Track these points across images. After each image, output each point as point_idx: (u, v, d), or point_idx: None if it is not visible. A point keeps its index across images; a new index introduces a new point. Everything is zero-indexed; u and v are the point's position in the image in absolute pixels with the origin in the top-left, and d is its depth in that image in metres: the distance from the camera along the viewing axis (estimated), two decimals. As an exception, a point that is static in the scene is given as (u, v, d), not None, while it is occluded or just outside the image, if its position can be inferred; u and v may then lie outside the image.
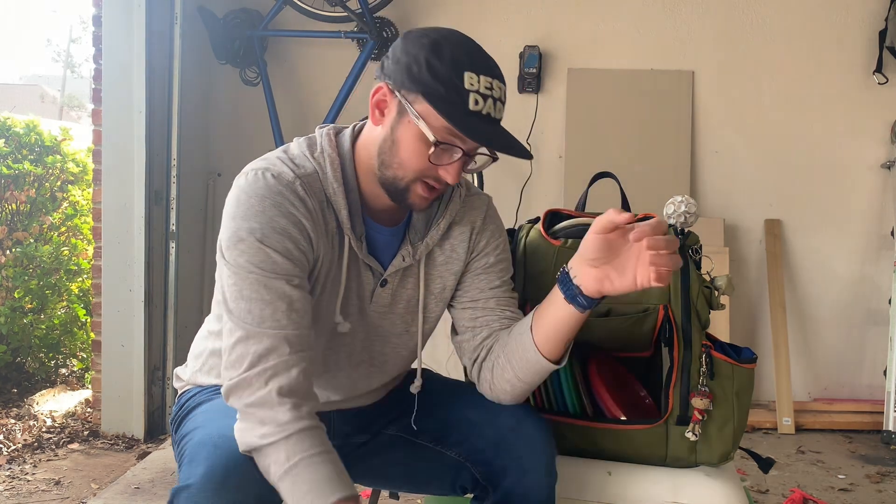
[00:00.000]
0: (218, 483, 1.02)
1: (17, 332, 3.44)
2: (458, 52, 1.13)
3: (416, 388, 1.33)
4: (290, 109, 3.62)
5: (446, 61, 1.12)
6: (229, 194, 1.19)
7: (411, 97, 1.13)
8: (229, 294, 1.13)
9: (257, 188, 1.15)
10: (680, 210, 1.42)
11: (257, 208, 1.13)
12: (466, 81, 1.11)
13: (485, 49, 1.17)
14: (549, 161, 3.60)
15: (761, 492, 2.64)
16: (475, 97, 1.11)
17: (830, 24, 3.53)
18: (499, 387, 1.29)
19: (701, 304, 1.37)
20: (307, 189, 1.17)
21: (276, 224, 1.13)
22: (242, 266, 1.12)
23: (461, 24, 3.58)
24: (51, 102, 20.27)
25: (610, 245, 1.12)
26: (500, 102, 1.15)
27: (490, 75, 1.13)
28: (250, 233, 1.12)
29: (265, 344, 1.10)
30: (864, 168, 3.55)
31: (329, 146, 1.22)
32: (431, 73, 1.11)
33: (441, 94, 1.11)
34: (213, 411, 1.23)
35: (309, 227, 1.16)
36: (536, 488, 1.22)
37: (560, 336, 1.21)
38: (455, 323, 1.35)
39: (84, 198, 3.86)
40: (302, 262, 1.15)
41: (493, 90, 1.13)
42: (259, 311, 1.11)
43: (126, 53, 2.96)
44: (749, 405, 1.38)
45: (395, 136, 1.16)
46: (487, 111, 1.13)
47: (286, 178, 1.16)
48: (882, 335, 3.47)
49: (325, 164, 1.20)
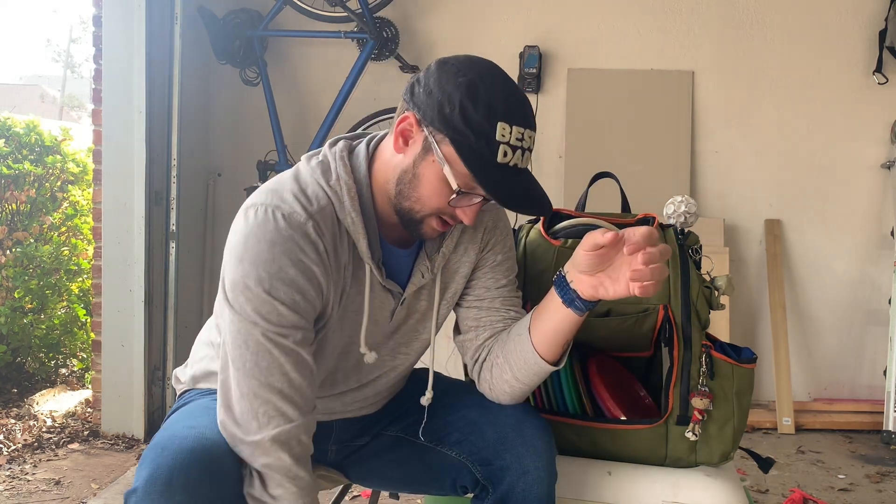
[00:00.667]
0: (162, 485, 1.02)
1: (17, 332, 3.44)
2: (494, 98, 1.09)
3: (427, 400, 1.31)
4: (290, 109, 3.62)
5: (481, 108, 1.08)
6: (236, 227, 1.14)
7: (439, 137, 1.10)
8: (231, 339, 1.12)
9: (267, 231, 1.10)
10: (680, 210, 1.42)
11: (266, 255, 1.09)
12: (499, 132, 1.08)
13: (484, 46, 1.16)
14: (549, 161, 3.60)
15: (761, 492, 2.64)
16: (505, 149, 1.09)
17: (830, 24, 3.53)
18: (498, 387, 1.30)
19: (701, 304, 1.37)
20: (320, 229, 1.13)
21: (286, 275, 1.10)
22: (247, 315, 1.10)
23: (461, 24, 3.59)
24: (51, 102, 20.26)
25: (601, 258, 1.12)
26: (528, 152, 1.13)
27: (523, 125, 1.11)
28: (258, 282, 1.09)
29: (272, 406, 1.10)
30: (864, 168, 3.55)
31: (345, 172, 1.17)
32: (464, 118, 1.08)
33: (470, 144, 1.08)
34: (183, 413, 1.23)
35: (319, 274, 1.13)
36: (537, 488, 1.22)
37: (558, 338, 1.22)
38: (459, 322, 1.35)
39: (84, 198, 3.86)
40: (309, 312, 1.13)
41: (524, 140, 1.11)
42: (266, 365, 1.10)
43: (126, 53, 2.96)
44: (749, 405, 1.38)
45: (418, 170, 1.14)
46: (515, 163, 1.11)
47: (298, 220, 1.11)
48: (882, 335, 3.47)
49: (342, 193, 1.16)
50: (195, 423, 1.14)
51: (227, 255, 1.13)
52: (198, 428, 1.12)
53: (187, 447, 1.06)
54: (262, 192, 1.15)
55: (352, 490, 2.48)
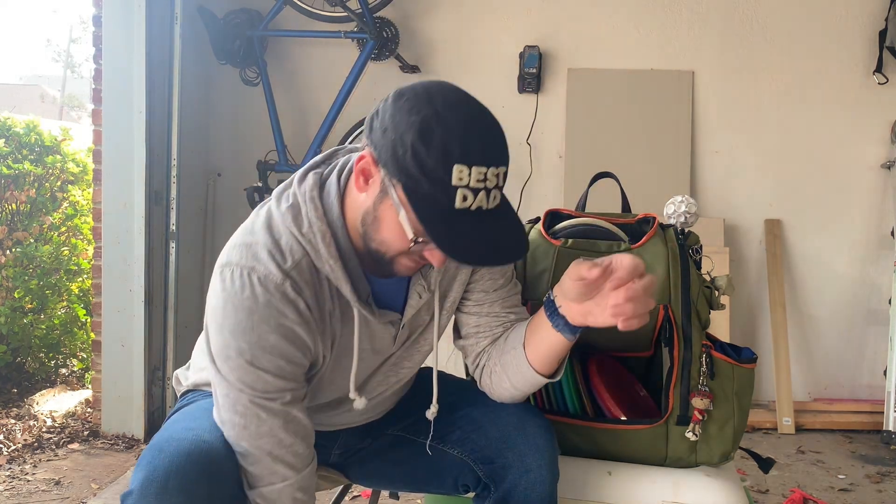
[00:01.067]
0: (158, 487, 1.02)
1: (17, 332, 3.44)
2: (449, 137, 0.98)
3: (432, 414, 1.29)
4: (290, 109, 3.62)
5: (434, 151, 0.98)
6: (214, 289, 1.10)
7: (394, 181, 1.02)
8: (222, 402, 1.11)
9: (244, 299, 1.06)
10: (680, 210, 1.42)
11: (245, 325, 1.06)
12: (455, 177, 0.98)
13: (484, 46, 1.12)
14: (549, 161, 3.60)
15: (761, 492, 2.64)
16: (463, 193, 0.99)
17: (830, 24, 3.53)
18: (497, 393, 1.30)
19: (701, 304, 1.37)
20: (298, 286, 1.08)
21: (266, 343, 1.07)
22: (234, 383, 1.09)
23: (461, 24, 3.59)
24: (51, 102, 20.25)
25: (588, 287, 1.10)
26: (496, 190, 1.02)
27: (484, 164, 0.99)
28: (239, 353, 1.07)
29: (264, 466, 1.11)
30: (864, 168, 3.55)
31: (316, 216, 1.10)
32: (417, 162, 0.98)
33: (424, 192, 0.99)
34: (183, 414, 1.23)
35: (303, 333, 1.10)
36: (539, 487, 1.22)
37: (552, 357, 1.21)
38: (459, 326, 1.34)
39: (84, 198, 3.86)
40: (296, 373, 1.12)
41: (488, 180, 1.00)
42: (254, 429, 1.10)
43: (126, 53, 2.96)
44: (749, 405, 1.38)
45: (378, 212, 1.07)
46: (478, 205, 1.00)
47: (274, 281, 1.07)
48: (882, 335, 3.47)
49: (316, 242, 1.10)
50: (194, 425, 1.14)
51: (209, 318, 1.11)
52: (196, 430, 1.12)
53: (184, 449, 1.06)
54: (236, 249, 1.10)
55: (352, 490, 2.48)
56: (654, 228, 1.40)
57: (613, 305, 1.07)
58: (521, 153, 3.56)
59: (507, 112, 3.57)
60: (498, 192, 1.03)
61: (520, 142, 3.56)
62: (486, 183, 1.00)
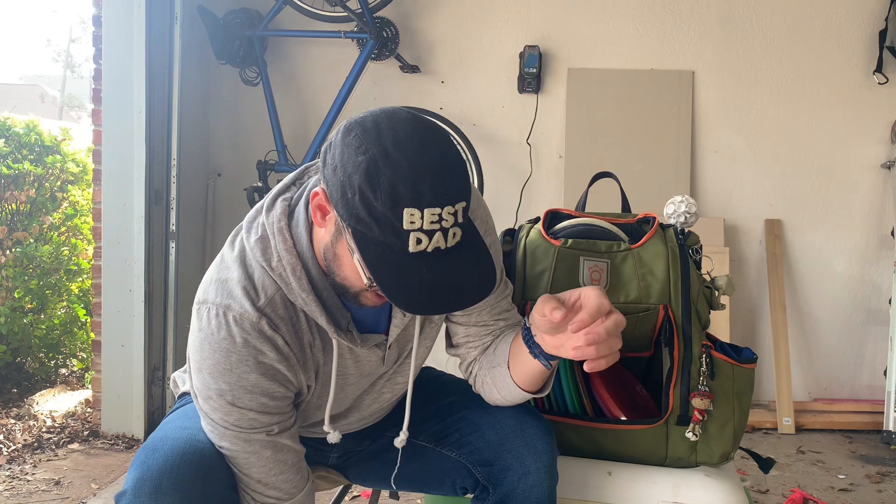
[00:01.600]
0: (152, 487, 1.02)
1: (17, 332, 3.44)
2: (398, 178, 0.92)
3: (400, 442, 1.26)
4: (290, 109, 3.62)
5: (382, 195, 0.92)
6: (192, 327, 1.09)
7: (345, 225, 0.98)
8: (210, 435, 1.11)
9: (221, 340, 1.04)
10: (680, 210, 1.42)
11: (223, 366, 1.04)
12: (406, 221, 0.92)
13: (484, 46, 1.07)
14: (549, 161, 3.60)
15: (761, 492, 2.64)
16: (417, 236, 0.93)
17: (830, 24, 3.53)
18: (491, 401, 1.30)
19: (701, 304, 1.37)
20: (274, 322, 1.06)
21: (247, 382, 1.05)
22: (217, 422, 1.09)
23: (461, 24, 3.59)
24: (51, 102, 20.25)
25: (556, 324, 1.06)
26: (454, 227, 0.95)
27: (437, 204, 0.93)
28: (220, 395, 1.06)
29: (256, 492, 1.12)
30: (864, 168, 3.55)
31: (285, 248, 1.07)
32: (365, 206, 0.93)
33: (375, 237, 0.95)
34: (177, 414, 1.23)
35: (283, 369, 1.08)
36: (537, 490, 1.22)
37: (535, 379, 1.20)
38: (450, 335, 1.33)
39: (84, 198, 3.86)
40: (281, 407, 1.11)
41: (444, 220, 0.94)
42: (243, 460, 1.11)
43: (126, 53, 2.96)
44: (749, 405, 1.38)
45: (336, 250, 1.03)
46: (435, 246, 0.95)
47: (250, 320, 1.04)
48: (882, 335, 3.48)
49: (287, 277, 1.06)
50: (188, 424, 1.14)
51: (189, 355, 1.10)
52: (190, 429, 1.12)
53: (178, 449, 1.06)
54: (213, 286, 1.08)
55: (352, 490, 2.48)
56: (654, 228, 1.40)
57: (575, 348, 1.04)
58: (521, 153, 3.56)
59: (507, 112, 3.57)
60: (458, 230, 0.96)
61: (520, 142, 3.56)
62: (441, 223, 0.94)
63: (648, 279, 1.36)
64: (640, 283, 1.36)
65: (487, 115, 3.57)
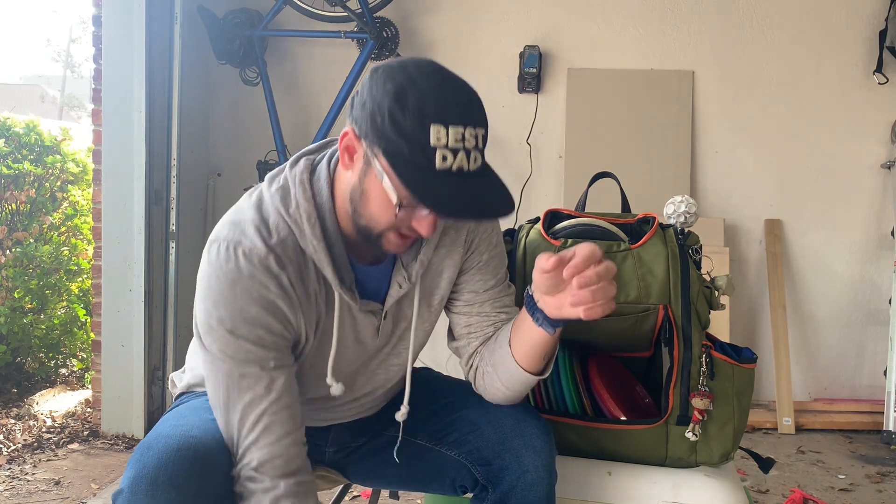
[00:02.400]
0: (148, 484, 1.03)
1: (17, 332, 3.44)
2: (424, 100, 1.01)
3: (401, 415, 1.28)
4: (290, 109, 3.62)
5: (410, 113, 1.00)
6: (202, 263, 1.13)
7: (375, 150, 1.04)
8: (206, 373, 1.13)
9: (228, 271, 1.09)
10: (680, 210, 1.42)
11: (227, 295, 1.09)
12: (433, 137, 1.00)
13: (484, 46, 1.13)
14: (549, 161, 3.60)
15: (761, 492, 2.64)
16: (443, 153, 1.00)
17: (830, 24, 3.53)
18: (491, 394, 1.29)
19: (701, 304, 1.37)
20: (282, 261, 1.11)
21: (247, 313, 1.09)
22: (216, 354, 1.11)
23: (461, 23, 3.59)
24: (51, 102, 20.25)
25: (554, 280, 1.10)
26: (475, 151, 1.03)
27: (461, 123, 1.02)
28: (220, 322, 1.09)
29: (249, 441, 1.11)
30: (864, 168, 3.55)
31: (304, 198, 1.13)
32: (394, 126, 1.01)
33: (404, 155, 1.01)
34: (172, 414, 1.23)
35: (285, 307, 1.11)
36: (536, 489, 1.22)
37: (537, 353, 1.21)
38: (452, 327, 1.34)
39: (84, 198, 3.86)
40: (278, 344, 1.12)
41: (466, 140, 1.02)
42: (237, 397, 1.11)
43: (126, 53, 2.96)
44: (749, 405, 1.38)
45: (364, 186, 1.09)
46: (459, 166, 1.02)
47: (258, 255, 1.09)
48: (882, 335, 3.47)
49: (301, 222, 1.12)
50: (182, 422, 1.15)
51: (196, 292, 1.13)
52: (184, 426, 1.13)
53: (173, 445, 1.06)
54: (226, 226, 1.13)
55: (352, 490, 2.48)
56: (653, 228, 1.40)
57: (572, 296, 1.07)
58: (521, 153, 3.56)
59: (507, 112, 3.57)
60: (478, 154, 1.04)
61: (520, 142, 3.56)
62: (464, 143, 1.02)
63: (648, 279, 1.36)
64: (640, 283, 1.36)
65: (487, 114, 3.56)
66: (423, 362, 1.38)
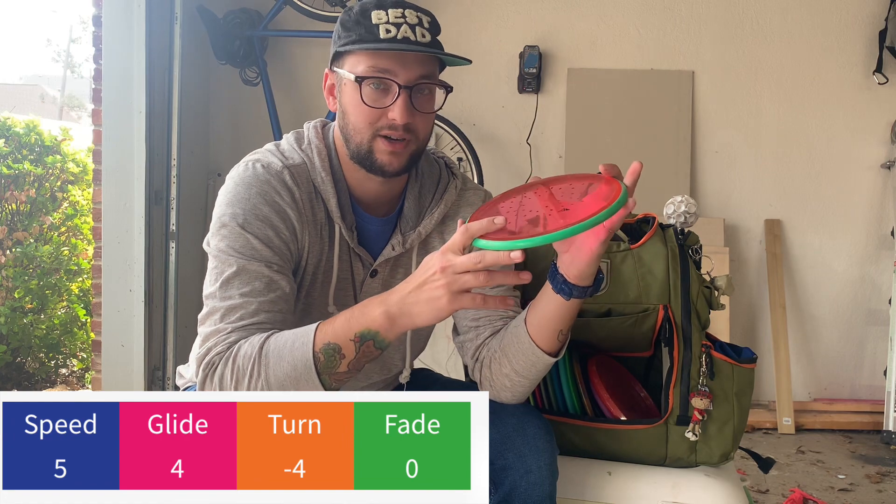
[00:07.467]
0: None
1: (17, 332, 3.44)
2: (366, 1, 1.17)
3: (404, 377, 1.34)
4: (290, 109, 3.62)
5: (354, 12, 1.17)
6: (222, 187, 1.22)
7: (338, 63, 1.20)
8: (209, 279, 1.16)
9: (245, 177, 1.19)
10: (680, 210, 1.42)
11: (243, 195, 1.17)
12: (374, 19, 1.15)
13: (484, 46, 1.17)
14: (550, 161, 3.60)
15: (761, 492, 2.64)
16: (386, 27, 1.14)
17: (830, 24, 3.53)
18: (498, 382, 1.28)
19: (701, 304, 1.37)
20: (295, 179, 1.21)
21: (259, 211, 1.17)
22: (223, 250, 1.16)
23: (461, 24, 3.59)
24: (51, 102, 20.24)
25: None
26: (421, 28, 1.16)
27: (399, 6, 1.16)
28: (233, 217, 1.16)
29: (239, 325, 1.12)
30: (864, 168, 3.55)
31: (316, 137, 1.25)
32: (344, 28, 1.18)
33: (353, 40, 1.16)
34: None
35: (293, 217, 1.19)
36: (539, 488, 1.22)
37: (552, 325, 1.20)
38: (457, 322, 1.34)
39: (84, 198, 3.86)
40: (282, 250, 1.18)
41: (407, 17, 1.15)
42: (236, 287, 1.13)
43: (126, 53, 2.96)
44: (749, 405, 1.38)
45: (343, 106, 1.21)
46: (403, 35, 1.14)
47: (275, 168, 1.20)
48: (882, 335, 3.47)
49: (312, 155, 1.23)
50: None
51: (215, 208, 1.21)
52: None
53: None
54: (245, 157, 1.24)
55: (352, 490, 2.48)
56: (653, 228, 1.40)
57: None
58: (521, 153, 3.56)
59: (507, 112, 3.57)
60: (426, 32, 1.16)
61: (520, 142, 3.56)
62: (405, 19, 1.15)
63: (648, 279, 1.36)
64: (640, 283, 1.36)
65: (487, 115, 3.57)
66: (423, 363, 1.38)
